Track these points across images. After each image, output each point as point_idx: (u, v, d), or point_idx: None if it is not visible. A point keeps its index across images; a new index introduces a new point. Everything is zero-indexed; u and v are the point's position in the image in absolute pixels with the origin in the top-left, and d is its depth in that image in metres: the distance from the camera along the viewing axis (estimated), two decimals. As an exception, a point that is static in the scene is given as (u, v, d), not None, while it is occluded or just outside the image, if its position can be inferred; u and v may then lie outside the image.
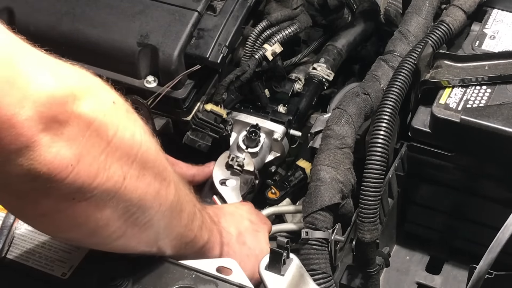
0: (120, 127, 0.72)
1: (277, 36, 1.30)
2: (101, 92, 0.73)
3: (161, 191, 0.81)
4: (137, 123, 0.77)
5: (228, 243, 1.01)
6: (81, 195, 0.71)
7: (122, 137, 0.73)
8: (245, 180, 1.24)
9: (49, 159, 0.66)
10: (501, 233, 0.90)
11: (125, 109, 0.75)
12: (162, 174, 0.81)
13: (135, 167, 0.75)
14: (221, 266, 0.91)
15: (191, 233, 0.90)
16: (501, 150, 1.09)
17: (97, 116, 0.69)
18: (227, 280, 0.88)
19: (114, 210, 0.75)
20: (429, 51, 1.14)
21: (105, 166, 0.71)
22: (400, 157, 1.19)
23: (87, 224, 0.76)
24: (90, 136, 0.69)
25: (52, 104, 0.65)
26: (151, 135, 0.79)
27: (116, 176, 0.73)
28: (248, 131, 1.25)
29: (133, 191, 0.76)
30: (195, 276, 0.88)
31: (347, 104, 1.13)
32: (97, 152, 0.70)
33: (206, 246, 0.94)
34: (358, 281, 1.15)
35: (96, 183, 0.71)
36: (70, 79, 0.69)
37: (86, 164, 0.69)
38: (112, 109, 0.72)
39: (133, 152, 0.75)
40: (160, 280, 0.87)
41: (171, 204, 0.83)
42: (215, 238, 0.97)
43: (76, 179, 0.68)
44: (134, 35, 1.20)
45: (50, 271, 0.88)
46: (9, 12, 1.26)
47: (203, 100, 1.25)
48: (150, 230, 0.83)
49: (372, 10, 1.46)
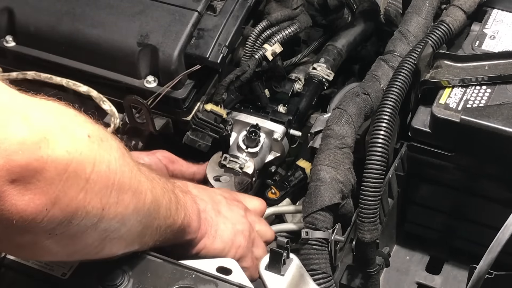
0: (96, 161, 0.71)
1: (277, 36, 1.30)
2: (75, 129, 0.70)
3: (139, 204, 0.80)
4: (112, 150, 0.75)
5: (205, 210, 0.99)
6: (59, 230, 0.70)
7: (99, 171, 0.71)
8: (240, 180, 1.24)
9: (21, 208, 0.65)
10: (501, 233, 0.90)
11: (99, 140, 0.73)
12: (138, 189, 0.80)
13: (113, 195, 0.74)
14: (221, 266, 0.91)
15: (169, 220, 0.89)
16: (501, 150, 1.09)
17: (73, 156, 0.68)
18: (227, 280, 0.88)
19: (92, 234, 0.75)
20: (429, 51, 1.14)
21: (84, 204, 0.70)
22: (400, 157, 1.19)
23: (65, 250, 0.76)
24: (68, 178, 0.67)
25: (24, 151, 0.63)
26: (124, 155, 0.77)
27: (95, 209, 0.72)
28: (248, 131, 1.25)
29: (112, 217, 0.76)
30: (195, 276, 0.88)
31: (347, 104, 1.13)
32: (76, 192, 0.69)
33: (184, 222, 0.92)
34: (358, 281, 1.15)
35: (74, 219, 0.70)
36: (42, 122, 0.66)
37: (63, 206, 0.68)
38: (87, 144, 0.70)
39: (110, 182, 0.74)
40: (160, 280, 0.87)
41: (148, 210, 0.83)
42: (191, 208, 0.95)
43: (52, 220, 0.68)
44: (134, 35, 1.20)
45: (50, 271, 0.88)
46: (9, 12, 1.26)
47: (203, 100, 1.25)
48: (129, 238, 0.83)
49: (372, 10, 1.46)
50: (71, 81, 1.20)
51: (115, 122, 1.19)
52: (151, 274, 0.88)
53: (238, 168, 1.22)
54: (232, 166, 1.22)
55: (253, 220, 1.07)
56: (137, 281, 0.87)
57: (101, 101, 1.18)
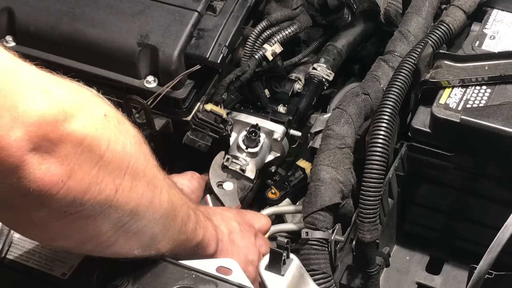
0: (112, 140, 0.72)
1: (277, 36, 1.30)
2: (92, 106, 0.72)
3: (155, 199, 0.81)
4: (128, 134, 0.77)
5: (222, 240, 1.01)
6: (73, 208, 0.71)
7: (114, 150, 0.73)
8: (242, 186, 1.24)
9: (39, 177, 0.66)
10: (501, 233, 0.90)
11: (116, 121, 0.75)
12: (153, 182, 0.81)
13: (127, 179, 0.75)
14: (221, 266, 0.91)
15: (185, 235, 0.90)
16: (501, 150, 1.09)
17: (89, 131, 0.69)
18: (227, 280, 0.88)
19: (106, 221, 0.76)
20: (429, 51, 1.14)
21: (97, 180, 0.71)
22: (400, 157, 1.19)
23: (78, 234, 0.76)
24: (82, 152, 0.69)
25: (42, 124, 0.65)
26: (141, 144, 0.79)
27: (108, 190, 0.73)
28: (248, 131, 1.25)
29: (126, 203, 0.76)
30: (195, 276, 0.88)
31: (347, 104, 1.13)
32: (89, 167, 0.70)
33: (201, 243, 0.94)
34: (358, 281, 1.15)
35: (87, 197, 0.71)
36: (61, 96, 0.69)
37: (77, 179, 0.69)
38: (103, 122, 0.72)
39: (125, 164, 0.75)
40: (160, 280, 0.87)
41: (164, 211, 0.84)
42: (210, 235, 0.97)
43: (67, 194, 0.69)
44: (134, 35, 1.20)
45: (50, 271, 0.88)
46: (9, 12, 1.26)
47: (203, 100, 1.25)
48: (143, 237, 0.83)
49: (372, 10, 1.46)
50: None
51: (115, 122, 1.19)
52: (151, 274, 0.88)
53: (240, 171, 1.22)
54: (234, 167, 1.23)
55: (261, 245, 1.09)
56: (137, 281, 0.87)
57: (101, 101, 1.18)
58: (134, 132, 0.79)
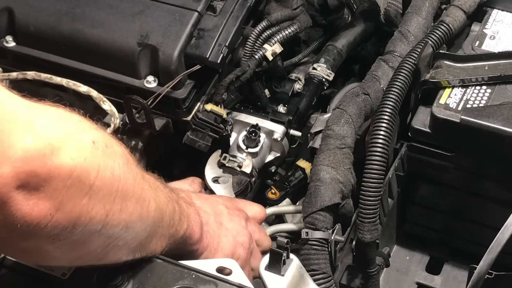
0: (101, 167, 0.71)
1: (277, 36, 1.30)
2: (79, 135, 0.71)
3: (143, 213, 0.80)
4: (116, 156, 0.75)
5: (207, 222, 0.99)
6: (62, 236, 0.70)
7: (103, 177, 0.71)
8: (239, 180, 1.24)
9: (26, 212, 0.65)
10: (501, 233, 0.90)
11: (104, 145, 0.73)
12: (142, 196, 0.80)
13: (117, 202, 0.75)
14: (221, 266, 0.91)
15: (171, 229, 0.89)
16: (501, 150, 1.09)
17: (78, 163, 0.68)
18: (227, 280, 0.88)
19: (96, 241, 0.75)
20: (429, 51, 1.14)
21: (87, 209, 0.70)
22: (400, 157, 1.19)
23: (68, 255, 0.76)
24: (72, 185, 0.68)
25: (29, 159, 0.64)
26: (128, 162, 0.77)
27: (99, 216, 0.72)
28: (248, 131, 1.25)
29: (117, 224, 0.76)
30: (195, 276, 0.88)
31: (347, 104, 1.13)
32: (79, 198, 0.69)
33: (186, 233, 0.93)
34: (358, 281, 1.15)
35: (77, 225, 0.70)
36: (46, 128, 0.67)
37: (66, 211, 0.68)
38: (92, 150, 0.71)
39: (114, 188, 0.74)
40: (160, 280, 0.87)
41: (153, 219, 0.83)
42: (194, 221, 0.95)
43: (56, 225, 0.68)
44: (134, 35, 1.20)
45: (50, 271, 0.88)
46: (9, 12, 1.26)
47: (203, 100, 1.25)
48: (133, 245, 0.83)
49: (372, 10, 1.46)
50: (71, 81, 1.20)
51: (115, 122, 1.19)
52: (151, 274, 0.88)
53: (237, 167, 1.22)
54: (231, 165, 1.22)
55: (253, 230, 1.07)
56: (137, 281, 0.87)
57: (101, 101, 1.18)
58: (121, 151, 0.77)
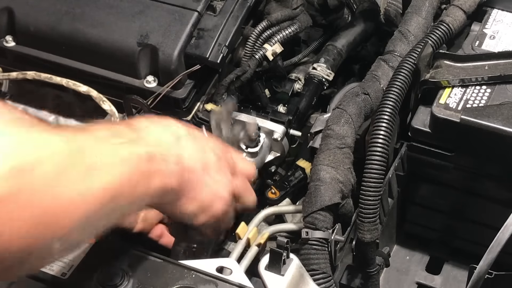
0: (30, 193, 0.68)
1: (277, 36, 1.30)
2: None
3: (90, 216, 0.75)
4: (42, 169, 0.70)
5: (193, 170, 0.90)
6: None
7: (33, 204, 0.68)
8: None
9: None
10: (501, 233, 0.90)
11: (24, 164, 0.68)
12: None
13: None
14: (221, 266, 0.91)
15: (137, 198, 0.81)
16: (501, 150, 1.09)
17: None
18: (227, 280, 0.88)
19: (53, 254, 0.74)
20: (429, 51, 1.14)
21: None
22: (400, 157, 1.19)
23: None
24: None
25: None
26: (59, 169, 0.71)
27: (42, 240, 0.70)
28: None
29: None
30: (195, 276, 0.88)
31: (347, 104, 1.13)
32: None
33: (157, 189, 0.84)
34: (358, 281, 1.15)
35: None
36: None
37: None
38: (10, 179, 0.67)
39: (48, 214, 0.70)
40: (160, 280, 0.87)
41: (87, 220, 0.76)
42: (169, 173, 0.85)
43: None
44: (134, 35, 1.20)
45: (50, 271, 0.88)
46: (9, 12, 1.26)
47: (203, 100, 1.25)
48: (95, 231, 0.80)
49: (372, 10, 1.46)
50: (71, 81, 1.20)
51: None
52: (151, 274, 0.88)
53: None
54: None
55: (238, 185, 0.99)
56: (137, 281, 0.87)
57: (101, 101, 1.18)
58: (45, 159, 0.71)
